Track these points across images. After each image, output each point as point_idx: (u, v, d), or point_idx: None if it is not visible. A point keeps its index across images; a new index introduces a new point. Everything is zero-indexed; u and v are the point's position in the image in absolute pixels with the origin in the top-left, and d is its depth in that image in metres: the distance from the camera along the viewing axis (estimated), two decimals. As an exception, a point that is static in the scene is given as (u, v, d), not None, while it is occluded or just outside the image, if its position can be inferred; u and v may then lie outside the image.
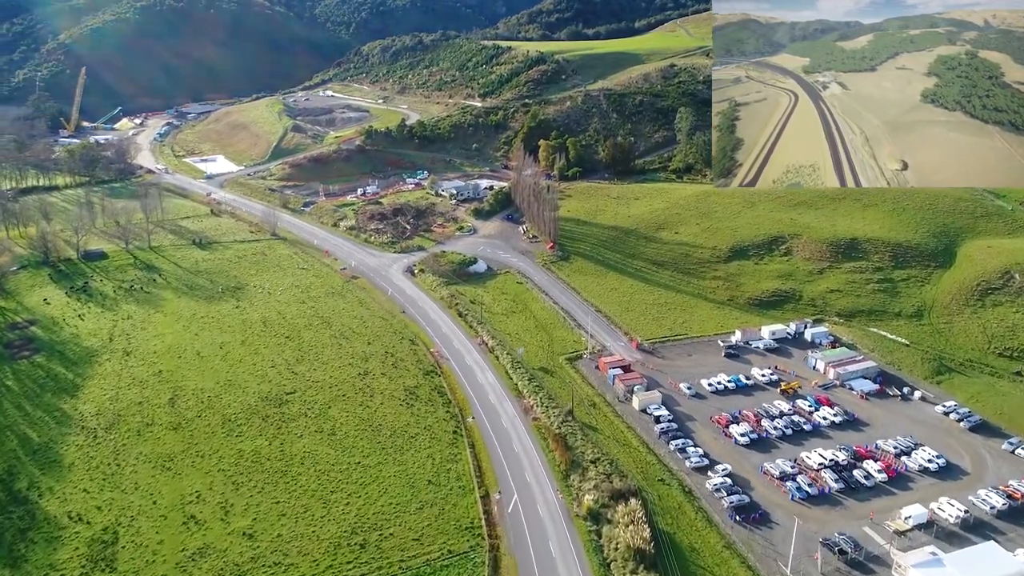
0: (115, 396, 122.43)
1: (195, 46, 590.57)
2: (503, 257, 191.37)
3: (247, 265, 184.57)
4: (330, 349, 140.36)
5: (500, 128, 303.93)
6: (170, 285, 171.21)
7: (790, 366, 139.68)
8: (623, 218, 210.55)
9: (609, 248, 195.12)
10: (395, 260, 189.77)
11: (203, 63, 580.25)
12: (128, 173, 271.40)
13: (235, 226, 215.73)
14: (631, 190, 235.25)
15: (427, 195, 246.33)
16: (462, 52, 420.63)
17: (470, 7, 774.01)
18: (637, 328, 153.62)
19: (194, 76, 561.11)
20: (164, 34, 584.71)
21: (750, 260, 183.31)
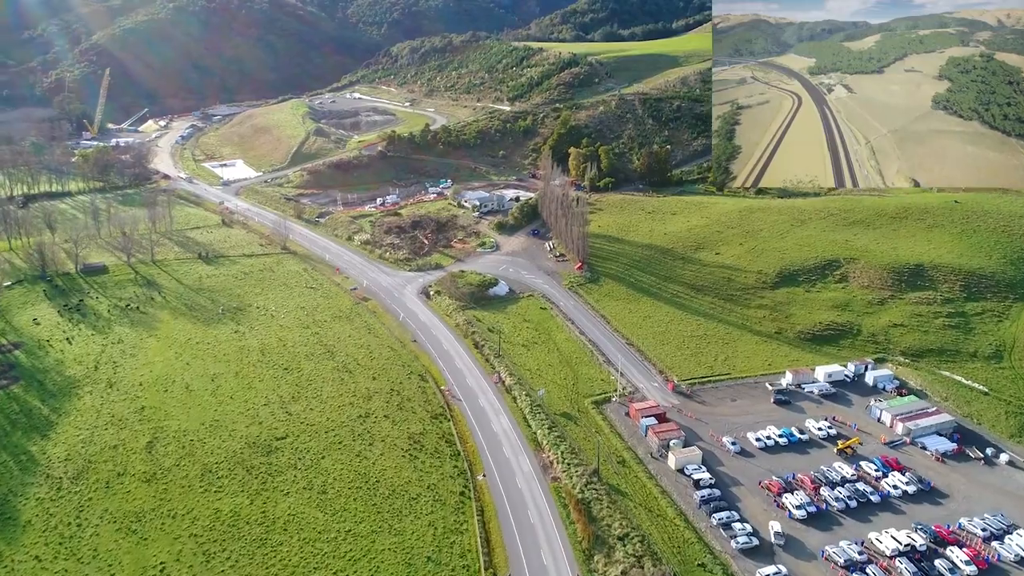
0: (89, 438, 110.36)
1: (227, 46, 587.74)
2: (527, 278, 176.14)
3: (252, 283, 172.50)
4: (331, 384, 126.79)
5: (528, 134, 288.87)
6: (168, 304, 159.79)
7: (850, 417, 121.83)
8: (658, 236, 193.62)
9: (643, 270, 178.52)
10: (410, 280, 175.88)
11: (234, 64, 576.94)
12: (143, 179, 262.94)
13: (245, 238, 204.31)
14: (667, 204, 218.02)
15: (449, 206, 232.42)
16: (492, 54, 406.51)
17: (503, 7, 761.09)
18: (673, 365, 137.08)
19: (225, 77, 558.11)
20: (196, 34, 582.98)
21: (800, 287, 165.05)
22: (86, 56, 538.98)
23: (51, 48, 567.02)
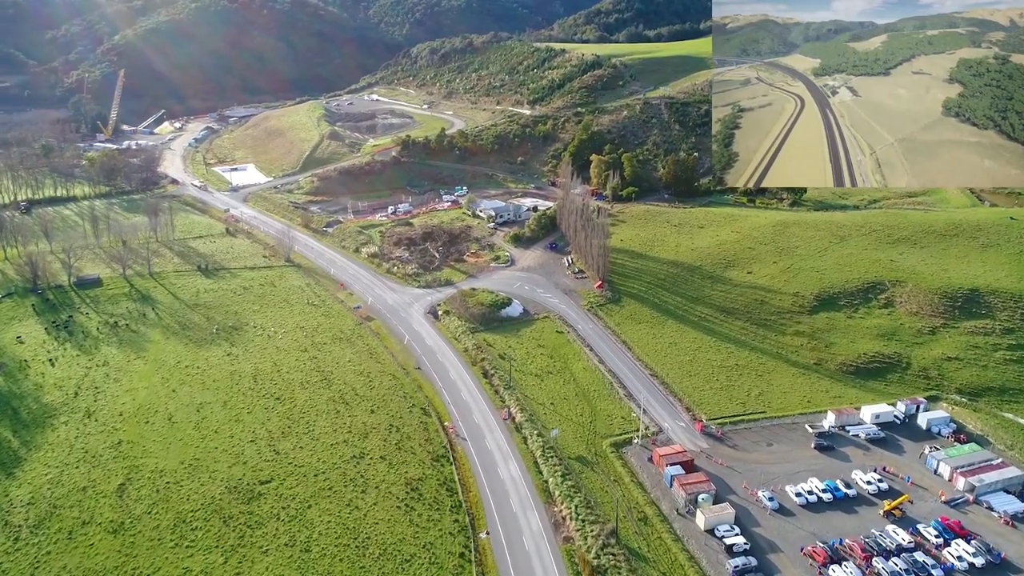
0: (58, 477, 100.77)
1: (247, 46, 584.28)
2: (542, 297, 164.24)
3: (252, 298, 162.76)
4: (325, 418, 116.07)
5: (548, 139, 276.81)
6: (161, 322, 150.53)
7: (903, 467, 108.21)
8: (685, 251, 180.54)
9: (668, 289, 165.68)
10: (418, 297, 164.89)
11: (254, 64, 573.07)
12: (151, 183, 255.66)
13: (249, 248, 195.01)
14: (695, 216, 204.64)
15: (463, 215, 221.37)
16: (513, 55, 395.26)
17: (527, 7, 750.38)
18: (701, 401, 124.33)
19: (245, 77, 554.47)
20: (217, 34, 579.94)
21: (841, 312, 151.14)
22: (107, 56, 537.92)
23: (73, 48, 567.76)
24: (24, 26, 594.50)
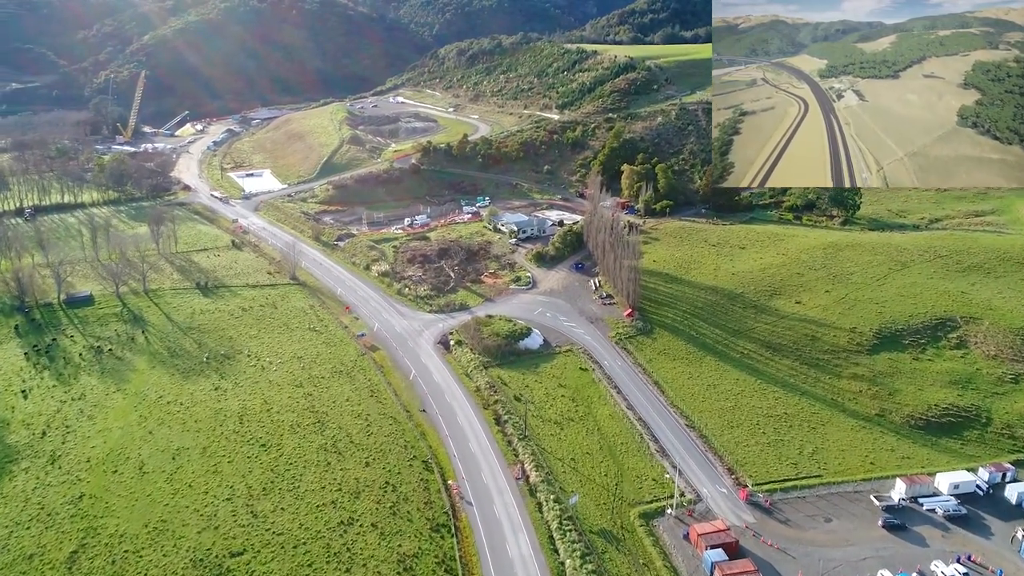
0: (5, 540, 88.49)
1: (275, 47, 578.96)
2: (566, 326, 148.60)
3: (250, 321, 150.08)
4: (313, 471, 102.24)
5: (577, 147, 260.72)
6: (149, 347, 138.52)
7: (992, 556, 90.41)
8: (725, 276, 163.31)
9: (706, 320, 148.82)
10: (429, 324, 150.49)
11: (282, 65, 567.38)
12: (161, 189, 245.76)
13: (254, 263, 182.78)
14: (735, 234, 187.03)
15: (483, 229, 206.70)
16: (542, 56, 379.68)
17: (559, 7, 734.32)
18: (746, 460, 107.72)
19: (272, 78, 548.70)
20: (245, 35, 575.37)
21: (906, 352, 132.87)
22: (135, 56, 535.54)
23: (104, 48, 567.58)
24: (57, 26, 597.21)
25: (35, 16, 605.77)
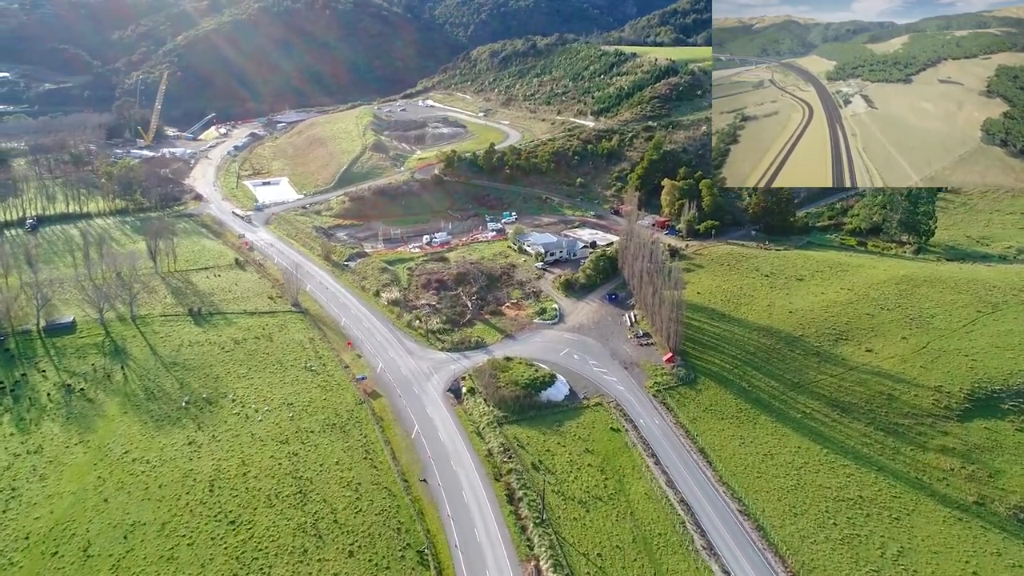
0: (-94, 648, 73.19)
1: (308, 48, 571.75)
2: (596, 372, 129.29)
3: (241, 357, 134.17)
4: (285, 563, 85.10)
5: (613, 158, 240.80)
6: (126, 387, 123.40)
7: None
8: (781, 314, 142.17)
9: (759, 368, 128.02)
10: (439, 365, 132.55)
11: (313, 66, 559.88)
12: (171, 199, 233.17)
13: (255, 285, 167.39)
14: (791, 262, 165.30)
15: (508, 250, 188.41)
16: (578, 59, 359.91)
17: (598, 7, 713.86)
18: (814, 563, 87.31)
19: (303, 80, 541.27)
20: (278, 36, 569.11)
21: (1006, 421, 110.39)
22: (167, 57, 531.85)
23: (137, 48, 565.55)
24: (94, 26, 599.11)
25: (74, 16, 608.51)
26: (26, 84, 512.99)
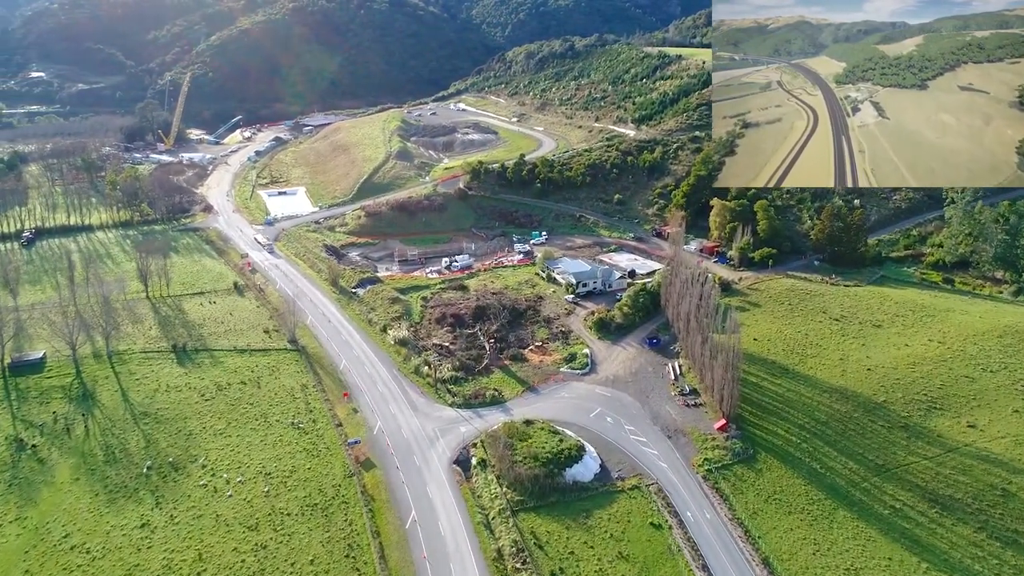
0: None
1: (341, 49, 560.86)
2: (632, 442, 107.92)
3: (222, 407, 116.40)
4: None
5: (655, 172, 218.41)
6: (85, 445, 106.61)
7: None
8: (857, 371, 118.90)
9: (833, 443, 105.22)
10: (447, 426, 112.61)
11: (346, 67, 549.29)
12: (179, 211, 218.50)
13: (252, 315, 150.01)
14: (864, 302, 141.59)
15: (535, 277, 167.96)
16: (618, 61, 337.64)
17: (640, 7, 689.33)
18: None
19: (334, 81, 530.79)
20: (311, 36, 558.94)
21: None
22: (200, 58, 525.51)
23: (171, 49, 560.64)
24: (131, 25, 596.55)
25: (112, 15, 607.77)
26: (59, 85, 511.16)
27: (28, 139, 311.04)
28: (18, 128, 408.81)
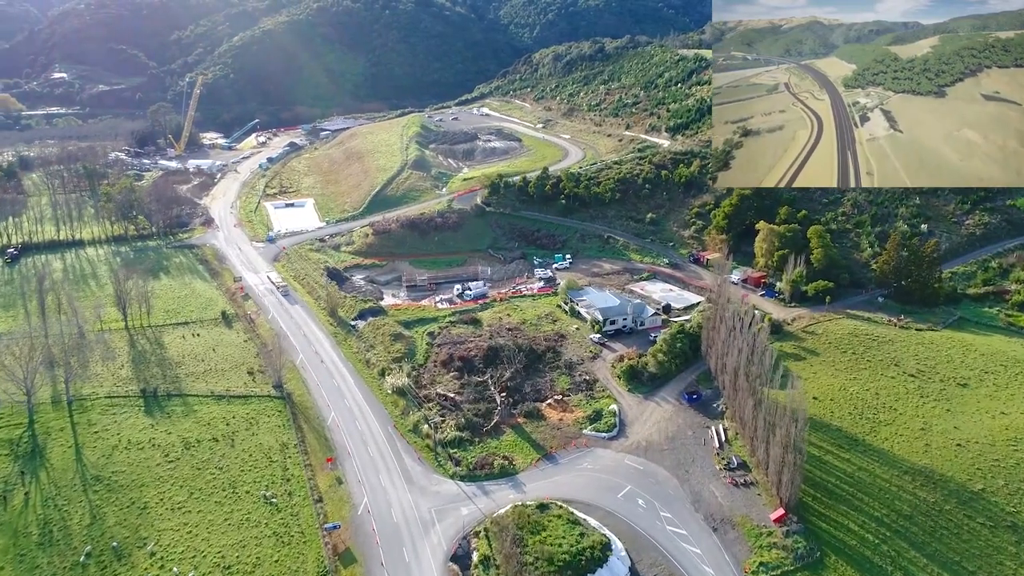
0: None
1: (364, 50, 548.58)
2: (667, 536, 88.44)
3: (187, 471, 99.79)
4: None
5: (692, 188, 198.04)
6: (21, 519, 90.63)
7: None
8: (943, 445, 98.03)
9: (921, 544, 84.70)
10: (445, 508, 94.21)
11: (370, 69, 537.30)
12: (178, 225, 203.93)
13: (238, 351, 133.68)
14: (943, 351, 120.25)
15: (557, 311, 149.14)
16: (651, 64, 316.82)
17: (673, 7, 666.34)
18: None
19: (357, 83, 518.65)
20: (335, 37, 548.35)
21: None
22: (222, 59, 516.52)
23: (194, 50, 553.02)
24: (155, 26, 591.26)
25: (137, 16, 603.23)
26: (81, 86, 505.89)
27: (43, 141, 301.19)
28: (36, 130, 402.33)
